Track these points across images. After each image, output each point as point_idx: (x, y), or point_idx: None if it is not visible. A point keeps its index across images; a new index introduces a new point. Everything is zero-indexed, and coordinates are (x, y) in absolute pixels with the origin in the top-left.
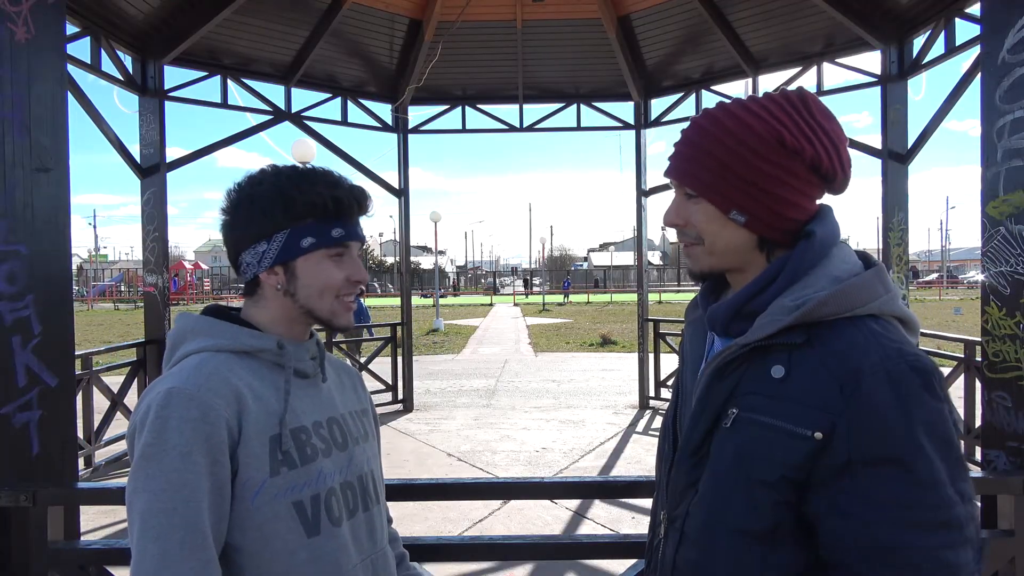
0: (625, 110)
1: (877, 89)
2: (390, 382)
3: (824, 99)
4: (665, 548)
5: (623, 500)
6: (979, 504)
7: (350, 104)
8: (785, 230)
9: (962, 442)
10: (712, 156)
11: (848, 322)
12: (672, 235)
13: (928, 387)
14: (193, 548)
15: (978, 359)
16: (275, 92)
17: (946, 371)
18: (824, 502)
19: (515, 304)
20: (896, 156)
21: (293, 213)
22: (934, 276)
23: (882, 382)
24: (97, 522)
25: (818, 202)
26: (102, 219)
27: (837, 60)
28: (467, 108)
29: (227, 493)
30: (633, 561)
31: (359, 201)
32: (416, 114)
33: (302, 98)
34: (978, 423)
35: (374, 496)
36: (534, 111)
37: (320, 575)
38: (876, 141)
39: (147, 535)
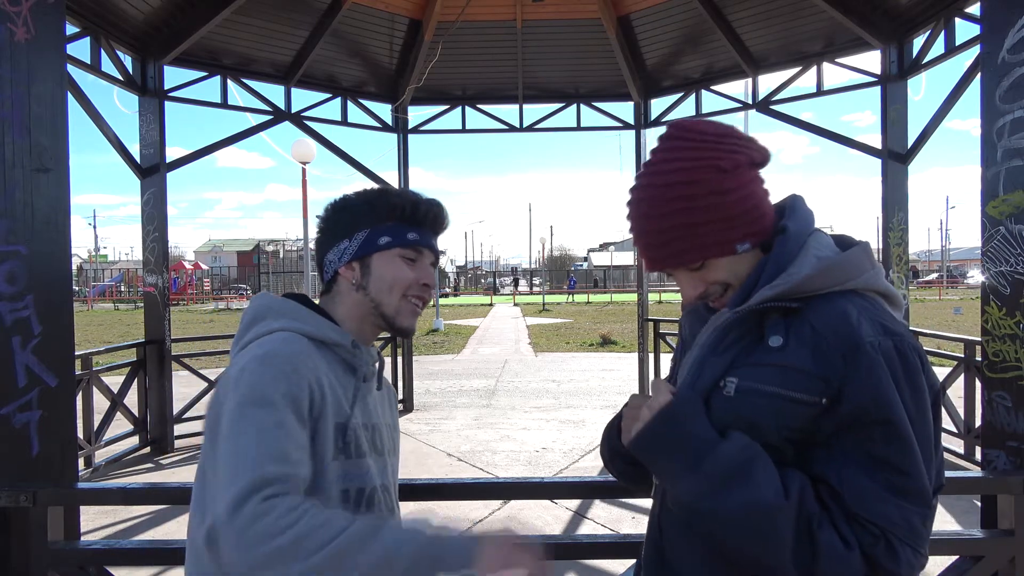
0: (625, 110)
1: (878, 89)
2: (390, 382)
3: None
4: (652, 515)
5: (623, 500)
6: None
7: (350, 104)
8: (769, 225)
9: (961, 440)
10: (688, 226)
11: (837, 295)
12: None
13: (908, 367)
14: (292, 449)
15: (978, 359)
16: (275, 92)
17: (946, 371)
18: (819, 464)
19: (515, 304)
20: (896, 156)
21: (376, 215)
22: (934, 276)
23: (878, 353)
24: (97, 522)
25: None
26: (102, 219)
27: (837, 60)
28: (467, 108)
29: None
30: (633, 561)
31: (436, 213)
32: (416, 114)
33: (302, 98)
34: (978, 423)
35: (397, 505)
36: (534, 111)
37: None
38: (877, 141)
39: (242, 449)
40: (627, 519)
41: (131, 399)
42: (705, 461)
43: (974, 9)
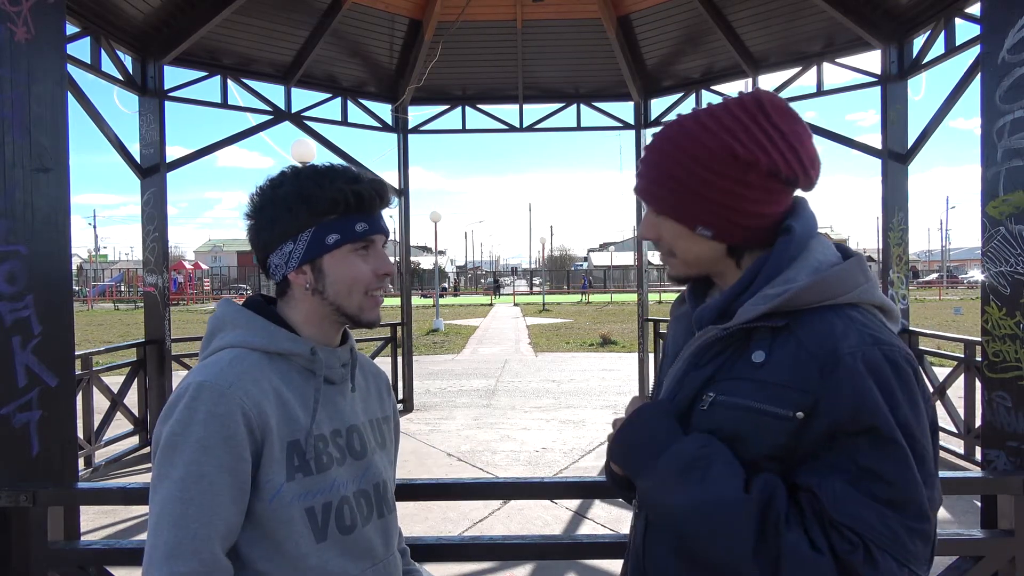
0: (625, 110)
1: (879, 88)
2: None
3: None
4: (635, 534)
5: (623, 500)
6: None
7: (350, 104)
8: (754, 236)
9: (961, 440)
10: (671, 177)
11: (829, 310)
12: None
13: (899, 377)
14: (204, 542)
15: (978, 359)
16: (275, 92)
17: (946, 371)
18: (803, 474)
19: (515, 304)
20: (896, 156)
21: (316, 210)
22: (934, 276)
23: (860, 365)
24: (97, 522)
25: (794, 194)
26: (102, 219)
27: (837, 60)
28: (467, 108)
29: (246, 491)
30: None
31: (380, 194)
32: (416, 114)
33: (302, 98)
34: (978, 423)
35: (390, 504)
36: (534, 111)
37: None
38: (879, 140)
39: (163, 522)
40: (627, 519)
41: (131, 399)
42: (662, 457)
43: (974, 9)
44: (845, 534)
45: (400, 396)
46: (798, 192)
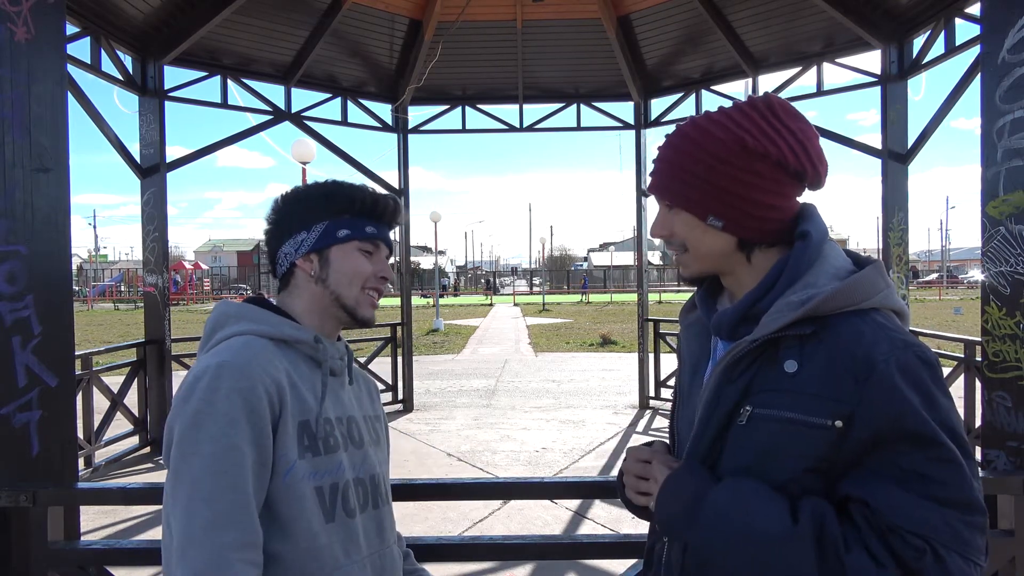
0: (625, 110)
1: (878, 88)
2: (390, 382)
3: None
4: (670, 551)
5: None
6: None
7: (350, 104)
8: (764, 230)
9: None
10: (682, 168)
11: (853, 315)
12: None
13: (934, 377)
14: (243, 511)
15: (978, 359)
16: (275, 92)
17: (946, 371)
18: (848, 484)
19: (515, 304)
20: (896, 156)
21: (334, 207)
22: (934, 276)
23: (893, 370)
24: (97, 522)
25: (800, 200)
26: (102, 219)
27: (837, 60)
28: (467, 108)
29: (268, 466)
30: (633, 561)
31: (393, 207)
32: (416, 114)
33: (302, 98)
34: (978, 423)
35: (384, 496)
36: (534, 111)
37: (331, 560)
38: (879, 140)
39: (198, 496)
40: (627, 519)
41: (131, 399)
42: (701, 513)
43: (974, 9)
44: (910, 540)
45: (400, 396)
46: (808, 194)
